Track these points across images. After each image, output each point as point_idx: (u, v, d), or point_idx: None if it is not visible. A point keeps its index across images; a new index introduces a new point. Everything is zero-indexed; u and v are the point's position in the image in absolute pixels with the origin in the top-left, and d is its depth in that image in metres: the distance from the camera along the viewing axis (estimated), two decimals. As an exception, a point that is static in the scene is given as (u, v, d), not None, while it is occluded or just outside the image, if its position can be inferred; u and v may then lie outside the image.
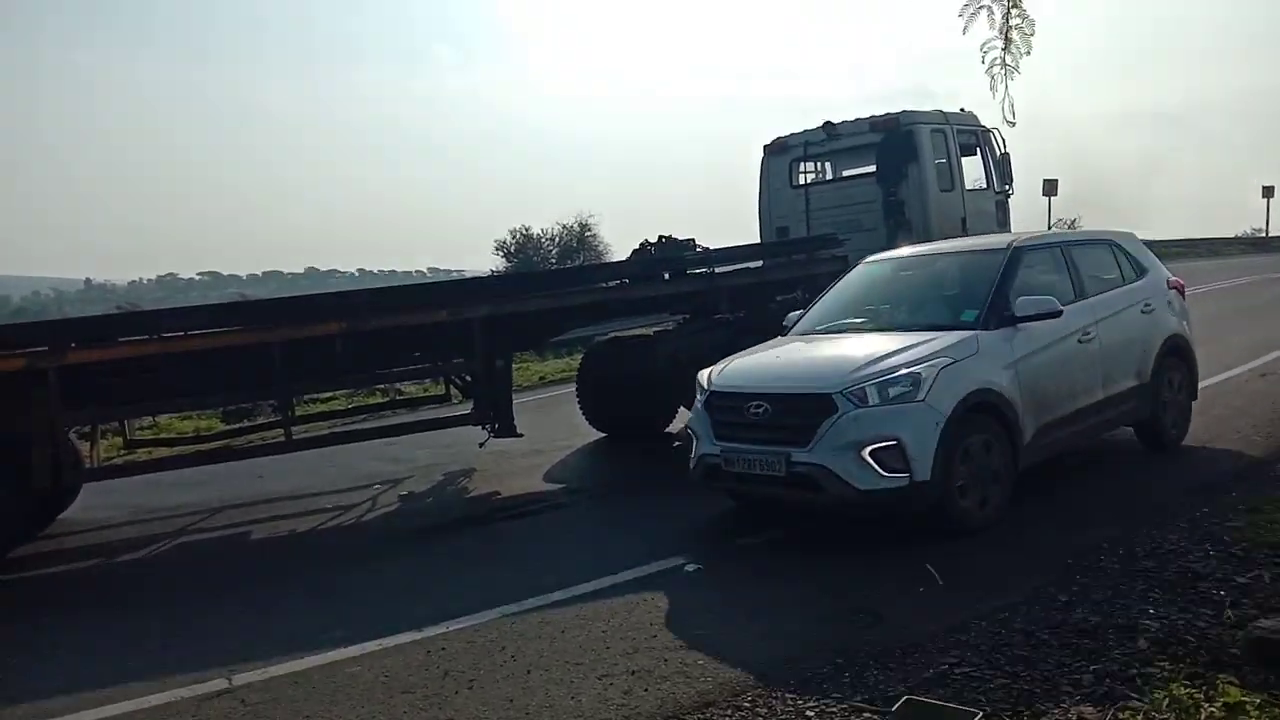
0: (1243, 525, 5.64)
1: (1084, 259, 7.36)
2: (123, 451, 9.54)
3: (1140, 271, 7.68)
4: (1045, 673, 3.97)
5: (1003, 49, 5.01)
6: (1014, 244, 6.94)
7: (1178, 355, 7.71)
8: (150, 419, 11.61)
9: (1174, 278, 8.09)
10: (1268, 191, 41.21)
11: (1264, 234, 41.98)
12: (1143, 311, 7.38)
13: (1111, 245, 7.76)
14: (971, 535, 5.84)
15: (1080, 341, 6.70)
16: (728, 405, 6.17)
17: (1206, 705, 3.39)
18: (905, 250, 8.23)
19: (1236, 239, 41.64)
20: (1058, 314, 6.33)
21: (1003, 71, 5.08)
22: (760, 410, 5.91)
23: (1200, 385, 10.02)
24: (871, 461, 5.48)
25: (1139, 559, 5.27)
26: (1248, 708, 3.35)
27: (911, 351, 5.87)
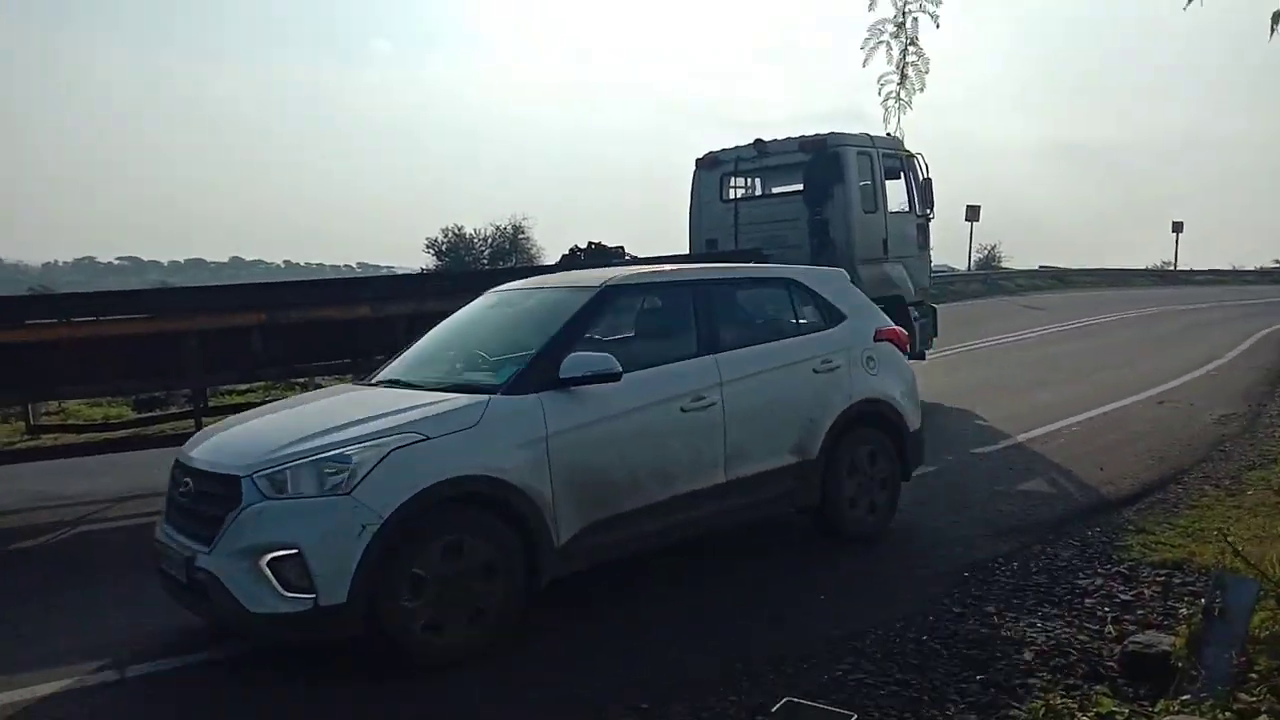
0: (1131, 545, 5.92)
1: (734, 302, 6.00)
2: (25, 436, 9.24)
3: (832, 318, 6.17)
4: (934, 681, 4.12)
5: (898, 83, 5.19)
6: (607, 282, 5.45)
7: (876, 425, 6.20)
8: (57, 404, 11.26)
9: (890, 326, 6.57)
10: (1177, 227, 43.07)
11: (1172, 267, 43.77)
12: (816, 370, 5.85)
13: (790, 285, 6.22)
14: (875, 545, 6.01)
15: (686, 410, 5.19)
16: (174, 476, 4.79)
17: (1080, 715, 3.55)
18: (521, 282, 6.75)
19: (1147, 270, 43.25)
20: (615, 376, 4.79)
21: (896, 105, 5.27)
22: (185, 490, 4.59)
23: (1100, 411, 10.51)
24: (270, 574, 4.06)
25: (1032, 574, 5.49)
26: (1118, 718, 3.52)
27: (373, 423, 4.43)
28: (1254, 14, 3.26)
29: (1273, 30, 3.14)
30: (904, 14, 4.93)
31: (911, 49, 5.00)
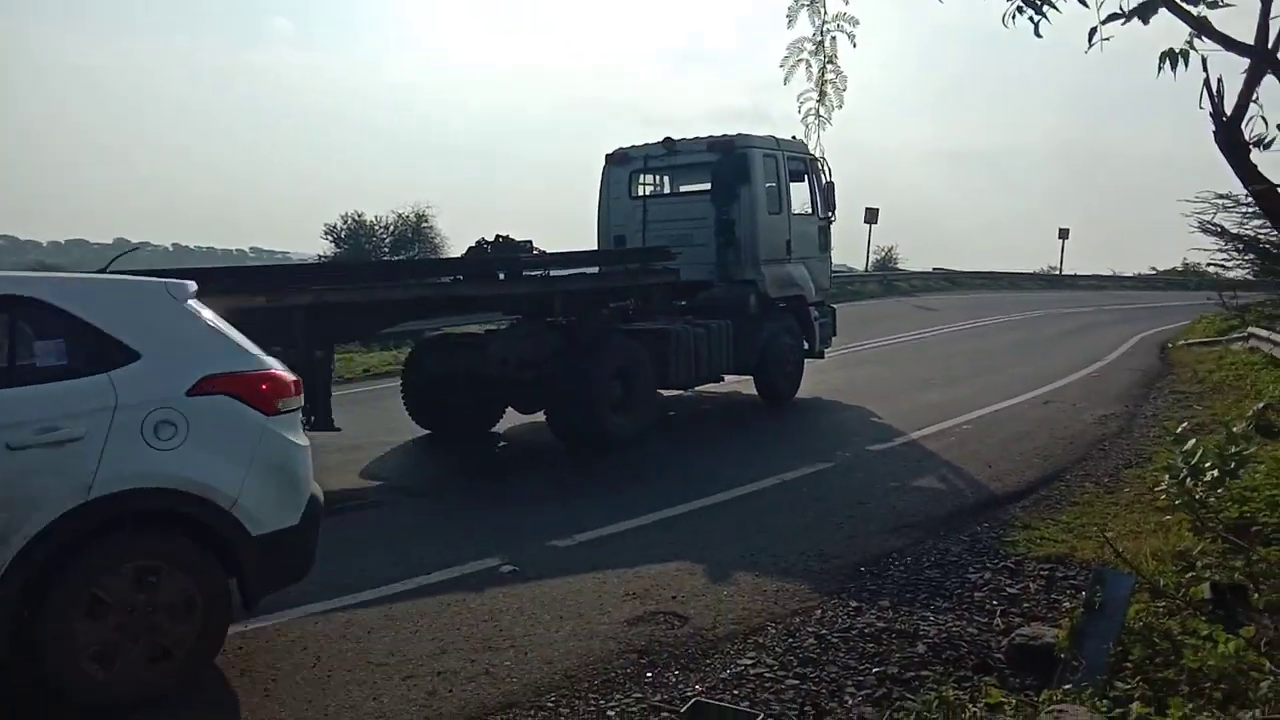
0: (1017, 540, 6.17)
1: None
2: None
3: (100, 358, 3.98)
4: (831, 675, 4.23)
5: (818, 100, 5.31)
6: None
7: (165, 530, 4.06)
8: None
9: (244, 373, 4.35)
10: (1063, 233, 44.85)
11: (1059, 272, 45.64)
12: (12, 445, 3.65)
13: (34, 306, 3.94)
14: (776, 540, 6.13)
15: None
16: None
17: (971, 706, 3.68)
18: None
19: (1035, 275, 45.00)
20: None
21: (816, 121, 5.39)
22: None
23: (989, 410, 10.94)
24: None
25: (924, 568, 5.68)
26: (1005, 708, 3.66)
27: None
28: (1144, 43, 3.43)
29: (1159, 68, 3.31)
30: (822, 33, 5.03)
31: (830, 67, 5.11)
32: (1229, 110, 3.64)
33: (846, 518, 6.75)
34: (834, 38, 5.07)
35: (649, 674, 4.27)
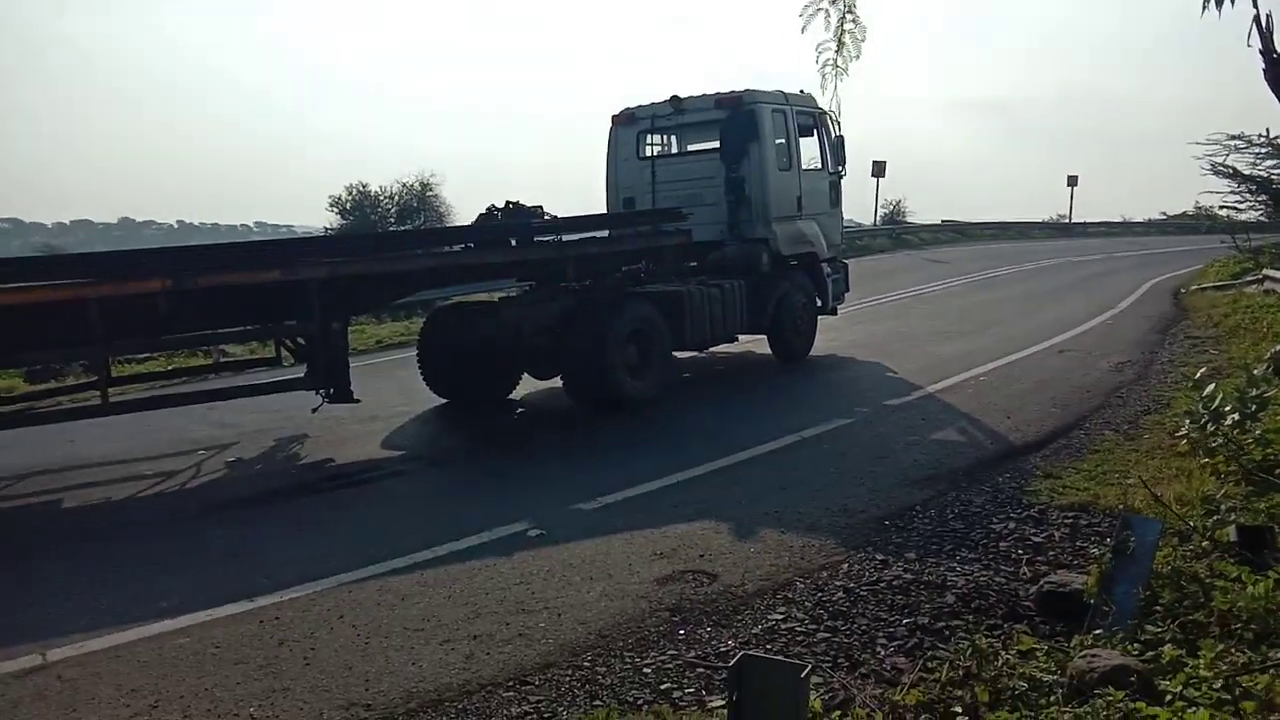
0: (1040, 489, 6.20)
1: None
2: (-89, 414, 8.73)
3: None
4: (862, 627, 4.28)
5: (835, 51, 5.27)
6: None
7: None
8: (-57, 378, 10.68)
9: None
10: (1072, 180, 44.51)
11: (1068, 220, 45.34)
12: None
13: None
14: (799, 496, 6.17)
15: None
16: None
17: (1004, 653, 3.73)
18: None
19: (1044, 223, 44.74)
20: None
21: (834, 72, 5.35)
22: None
23: (1005, 361, 10.94)
24: None
25: (949, 520, 5.71)
26: (1037, 653, 3.70)
27: None
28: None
29: (1204, 7, 3.27)
30: None
31: (849, 17, 5.07)
32: (1280, 46, 3.58)
33: (868, 472, 6.78)
34: None
35: (681, 631, 4.33)
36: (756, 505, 6.10)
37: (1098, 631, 3.81)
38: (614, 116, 12.28)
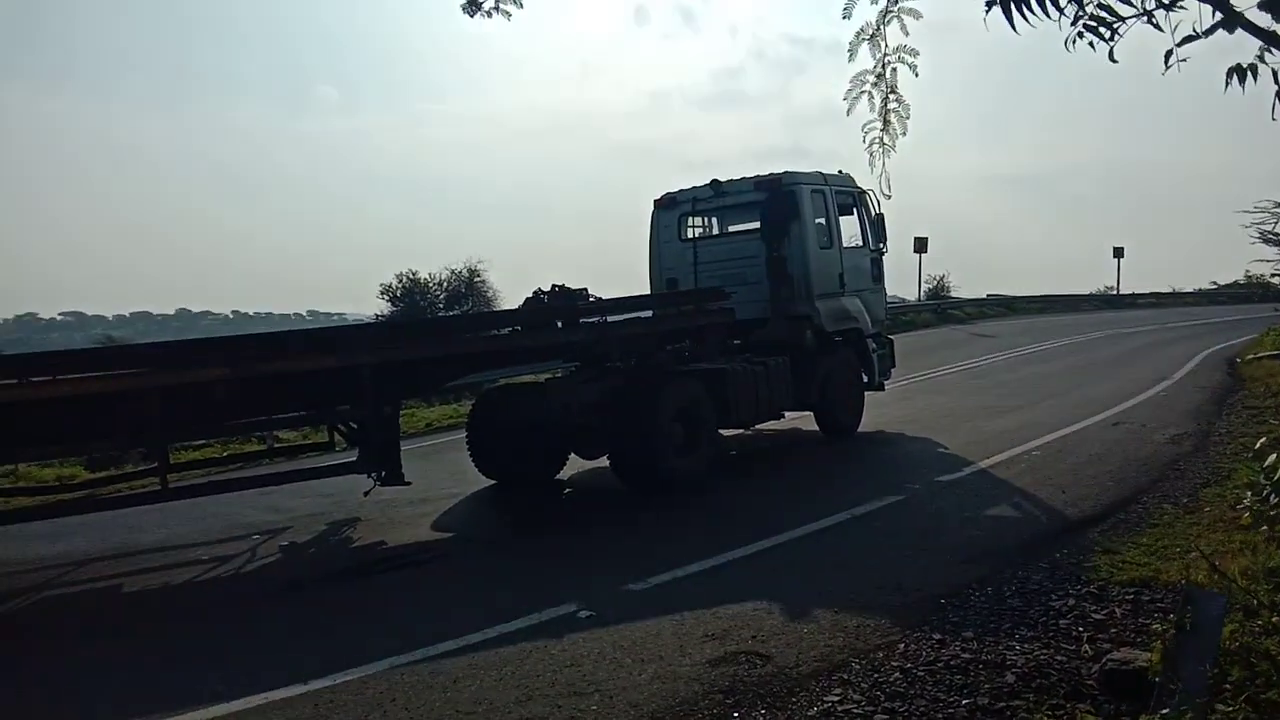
0: (1099, 565, 6.06)
1: None
2: (-22, 502, 8.99)
3: None
4: (921, 708, 4.18)
5: (881, 129, 5.39)
6: None
7: None
8: (10, 467, 10.98)
9: None
10: (1118, 252, 44.14)
11: (1115, 291, 44.87)
12: None
13: None
14: (852, 575, 6.08)
15: None
16: None
17: (1067, 733, 3.63)
18: None
19: (1092, 295, 44.30)
20: None
21: (880, 149, 5.46)
22: None
23: (1058, 435, 10.78)
24: None
25: (1006, 597, 5.59)
26: (1102, 734, 3.60)
27: None
28: (1194, 58, 3.45)
29: (1227, 84, 3.32)
30: (884, 65, 5.16)
31: (892, 96, 5.21)
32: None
33: (922, 550, 6.68)
34: (894, 69, 5.18)
35: (735, 715, 4.27)
36: (809, 585, 6.04)
37: (1165, 711, 3.69)
38: (656, 200, 12.54)
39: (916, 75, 5.19)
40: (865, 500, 8.19)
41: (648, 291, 12.49)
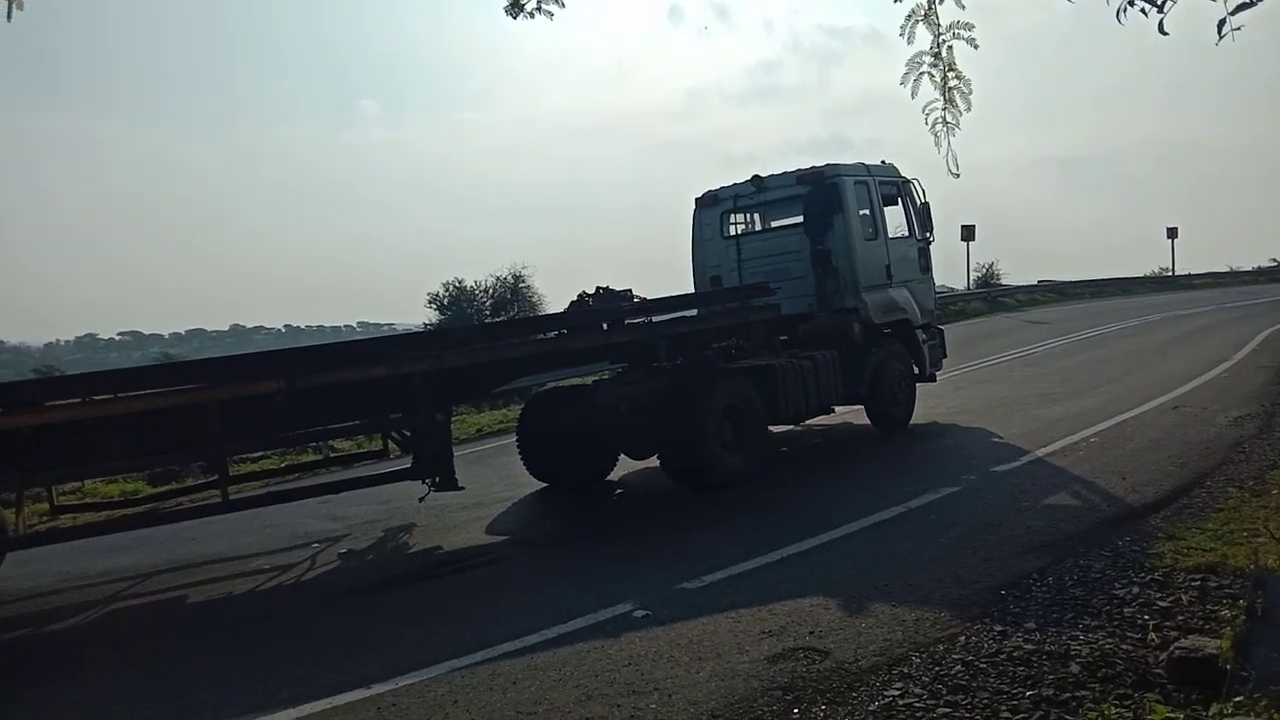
0: (1163, 552, 5.93)
1: None
2: (47, 518, 9.26)
3: None
4: (984, 700, 4.13)
5: (944, 108, 5.36)
6: None
7: None
8: (77, 484, 11.29)
9: None
10: (1172, 233, 43.17)
11: (1170, 273, 43.88)
12: None
13: None
14: (909, 568, 6.02)
15: None
16: None
17: (1136, 723, 3.56)
18: None
19: (1145, 278, 43.34)
20: None
21: (945, 129, 5.42)
22: None
23: (1116, 421, 10.58)
24: None
25: (1067, 587, 5.50)
26: (1173, 723, 3.53)
27: None
28: (1248, 39, 3.37)
29: None
30: (939, 44, 5.14)
31: (951, 74, 5.18)
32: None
33: (980, 541, 6.59)
34: (950, 47, 5.14)
35: (795, 711, 4.24)
36: (865, 579, 5.99)
37: (1238, 699, 3.60)
38: (697, 199, 12.52)
39: (976, 48, 5.15)
40: (920, 493, 8.10)
41: (692, 290, 12.48)
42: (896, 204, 12.18)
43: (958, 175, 5.83)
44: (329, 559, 8.24)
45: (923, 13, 5.00)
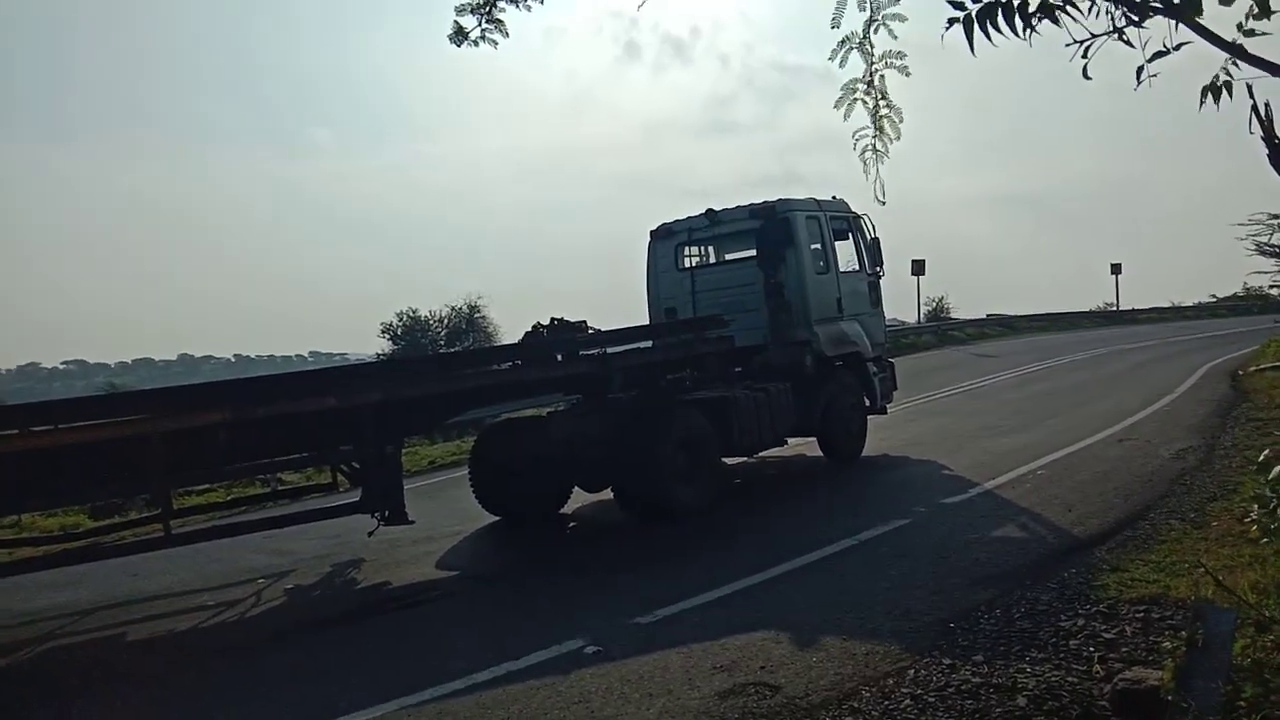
0: (1108, 583, 6.02)
1: None
2: (-19, 553, 8.97)
3: None
4: (933, 734, 4.13)
5: (874, 135, 5.45)
6: None
7: None
8: (14, 517, 10.96)
9: None
10: (1116, 268, 44.25)
11: (1115, 308, 44.90)
12: None
13: None
14: (860, 601, 6.04)
15: None
16: None
17: (1080, 756, 3.59)
18: None
19: (1092, 313, 44.32)
20: None
21: (874, 156, 5.52)
22: None
23: (1062, 453, 10.75)
24: None
25: (1015, 619, 5.55)
26: (1117, 756, 3.56)
27: None
28: (1180, 72, 3.48)
29: (1201, 102, 3.36)
30: (872, 72, 5.23)
31: (883, 102, 5.28)
32: (1281, 132, 3.64)
33: (929, 574, 6.64)
34: (883, 75, 5.25)
35: (745, 746, 4.22)
36: (816, 612, 6.00)
37: (1179, 730, 3.66)
38: (652, 231, 12.60)
39: (908, 75, 5.25)
40: (871, 525, 8.15)
41: (647, 322, 12.52)
42: (847, 238, 12.35)
43: (883, 203, 5.94)
44: (274, 595, 8.06)
45: (857, 40, 5.11)
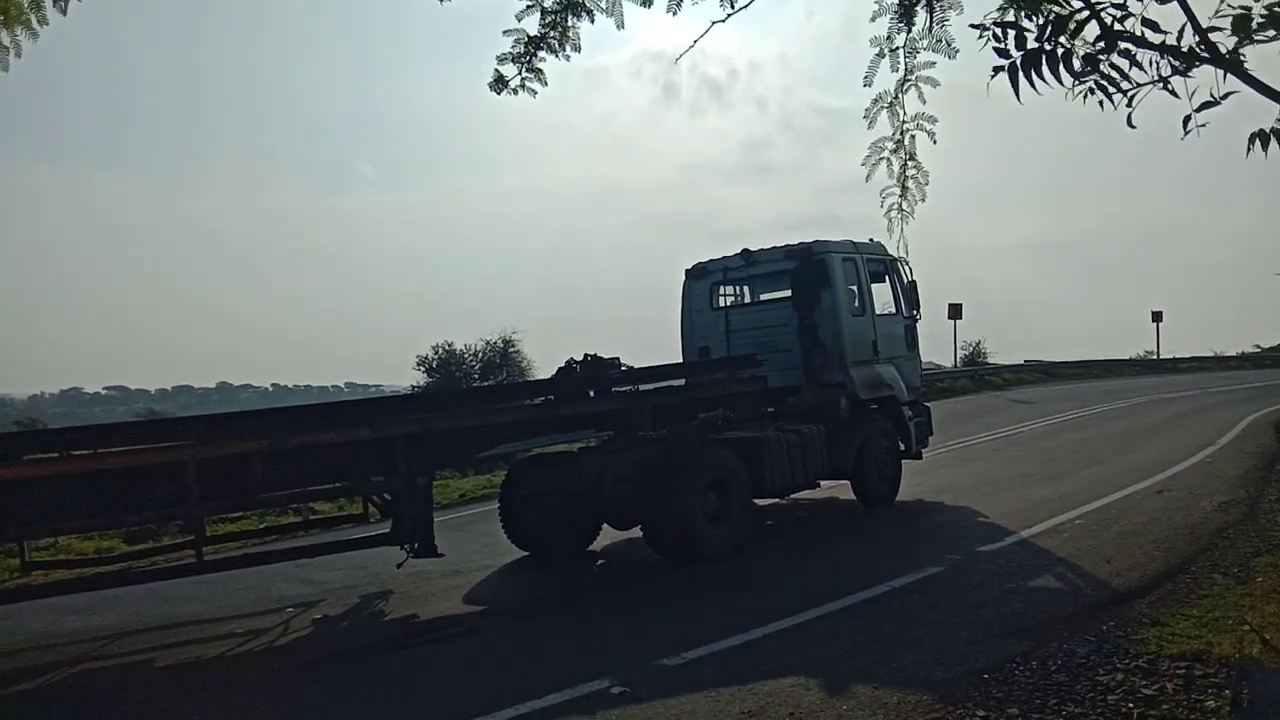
0: (1148, 638, 5.87)
1: None
2: (17, 575, 9.09)
3: None
4: (966, 789, 4.03)
5: (899, 195, 5.47)
6: None
7: None
8: (50, 540, 11.11)
9: None
10: (1157, 316, 43.67)
11: (1155, 356, 44.27)
12: None
13: None
14: (892, 649, 5.94)
15: None
16: None
17: (1119, 817, 3.48)
18: None
19: (1132, 361, 43.71)
20: None
21: (899, 215, 5.54)
22: None
23: (1101, 503, 10.56)
24: None
25: (1051, 672, 5.42)
26: (1158, 819, 3.45)
27: None
28: (1221, 120, 3.44)
29: (1249, 148, 3.33)
30: (902, 132, 5.25)
31: (911, 164, 5.29)
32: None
33: (964, 622, 6.52)
34: (913, 136, 5.25)
35: (773, 795, 4.14)
36: (848, 659, 5.90)
37: (1224, 794, 3.54)
38: (687, 270, 12.64)
39: (935, 142, 5.26)
40: (905, 571, 8.03)
41: (680, 360, 12.52)
42: (884, 281, 12.31)
43: (906, 261, 5.95)
44: (303, 624, 8.07)
45: (888, 100, 5.13)
